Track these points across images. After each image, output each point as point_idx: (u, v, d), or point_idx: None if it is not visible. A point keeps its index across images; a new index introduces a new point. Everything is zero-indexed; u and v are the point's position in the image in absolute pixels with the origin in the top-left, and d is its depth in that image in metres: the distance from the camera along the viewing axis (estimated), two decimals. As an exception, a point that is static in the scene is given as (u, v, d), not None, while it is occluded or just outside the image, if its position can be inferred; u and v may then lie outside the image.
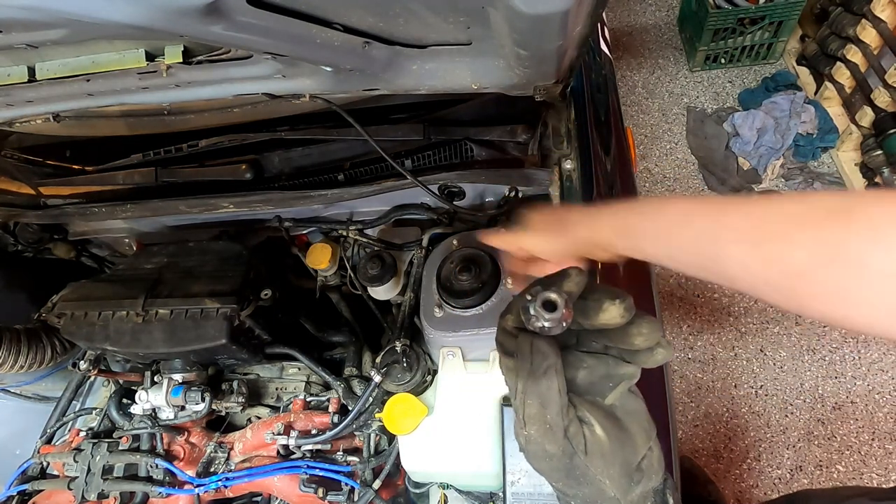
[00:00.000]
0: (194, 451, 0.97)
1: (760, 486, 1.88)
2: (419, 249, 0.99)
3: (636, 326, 0.42)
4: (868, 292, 0.36)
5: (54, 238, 1.16)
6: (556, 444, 0.41)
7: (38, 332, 1.08)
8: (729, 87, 2.87)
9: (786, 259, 0.40)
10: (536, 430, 0.41)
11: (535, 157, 0.98)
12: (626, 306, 0.41)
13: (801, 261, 0.39)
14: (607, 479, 0.42)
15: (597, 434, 0.42)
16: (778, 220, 0.42)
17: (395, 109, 1.03)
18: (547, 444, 0.41)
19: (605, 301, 0.41)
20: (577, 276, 0.43)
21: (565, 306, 0.39)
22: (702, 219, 0.47)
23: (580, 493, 0.44)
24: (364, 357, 1.07)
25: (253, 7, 0.53)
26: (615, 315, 0.41)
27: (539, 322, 0.39)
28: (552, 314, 0.39)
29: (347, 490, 0.90)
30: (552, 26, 0.54)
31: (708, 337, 2.19)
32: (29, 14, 0.49)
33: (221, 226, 1.11)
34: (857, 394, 1.99)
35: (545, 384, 0.40)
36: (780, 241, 0.41)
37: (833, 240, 0.38)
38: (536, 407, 0.41)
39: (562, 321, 0.39)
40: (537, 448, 0.42)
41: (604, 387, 0.44)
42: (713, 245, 0.46)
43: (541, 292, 0.40)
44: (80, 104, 0.81)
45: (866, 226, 0.37)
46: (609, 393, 0.44)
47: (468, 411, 0.81)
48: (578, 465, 0.42)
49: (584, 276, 0.43)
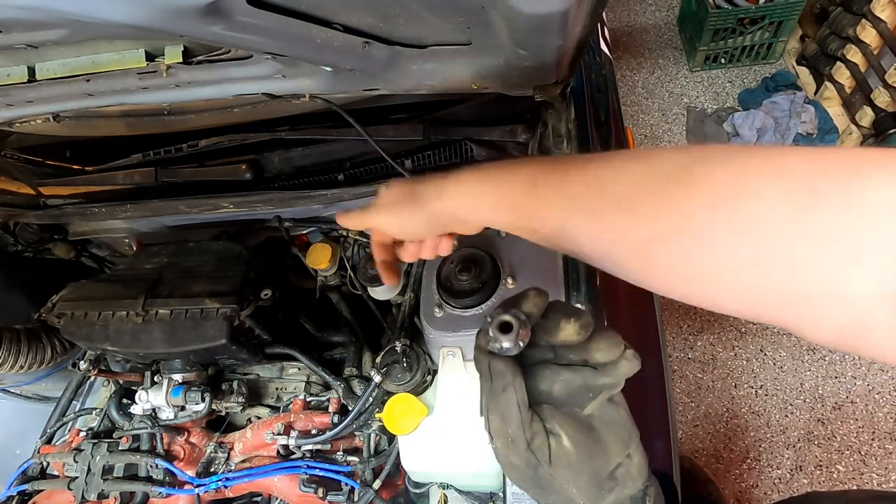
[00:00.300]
0: (194, 451, 0.97)
1: (760, 486, 1.88)
2: (419, 249, 0.99)
3: (594, 343, 0.43)
4: (711, 267, 0.34)
5: (54, 238, 1.16)
6: (518, 457, 0.42)
7: (38, 332, 1.08)
8: (729, 87, 2.87)
9: (630, 231, 0.38)
10: (500, 443, 0.43)
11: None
12: (581, 324, 0.42)
13: (645, 233, 0.37)
14: (574, 489, 0.43)
15: (563, 445, 0.43)
16: (621, 186, 0.39)
17: (395, 109, 1.02)
18: (511, 457, 0.43)
19: (561, 320, 0.42)
20: (535, 297, 0.44)
21: (522, 327, 0.41)
22: (545, 186, 0.45)
23: (550, 501, 0.45)
24: (364, 357, 1.07)
25: (253, 7, 0.53)
26: (571, 333, 0.42)
27: (497, 343, 0.41)
28: (507, 335, 0.41)
29: (347, 490, 0.90)
30: (552, 26, 0.54)
31: (708, 337, 2.19)
32: (29, 14, 0.49)
33: (221, 226, 1.11)
34: (857, 394, 1.99)
35: (503, 401, 0.42)
36: (624, 210, 0.38)
37: (674, 210, 0.35)
38: (498, 422, 0.42)
39: (518, 341, 0.41)
40: (504, 459, 0.43)
41: (583, 397, 0.45)
42: (559, 214, 0.44)
43: (498, 315, 0.42)
44: (80, 104, 0.81)
45: (708, 193, 0.34)
46: (588, 403, 0.45)
47: (468, 411, 0.81)
48: (543, 475, 0.43)
49: (543, 297, 0.44)
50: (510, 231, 0.52)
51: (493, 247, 0.83)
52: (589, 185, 0.42)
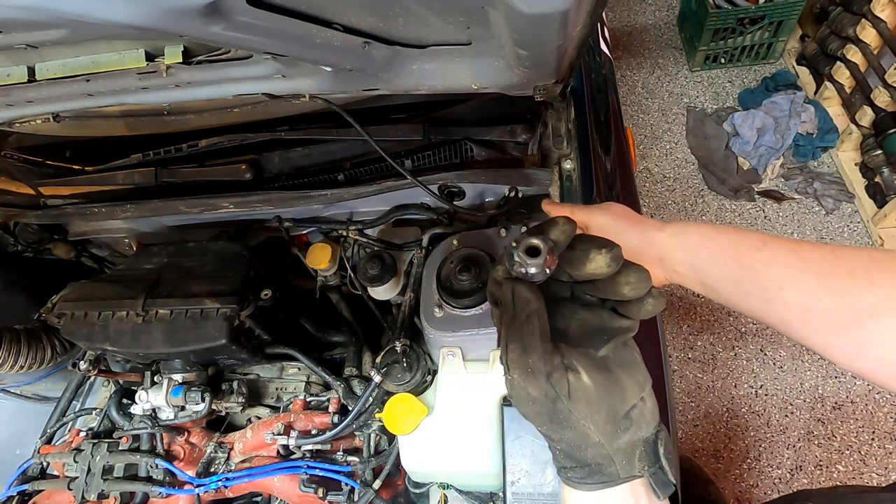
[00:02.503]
0: (194, 451, 0.97)
1: (760, 486, 1.88)
2: (419, 249, 0.99)
3: (623, 276, 0.42)
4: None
5: (54, 238, 1.16)
6: (538, 389, 0.41)
7: (38, 332, 1.08)
8: (729, 87, 2.87)
9: (859, 296, 0.41)
10: (519, 374, 0.41)
11: (535, 157, 0.98)
12: (612, 256, 0.41)
13: (876, 300, 0.40)
14: (591, 425, 0.43)
15: (582, 380, 0.42)
16: (858, 261, 0.43)
17: (395, 109, 1.02)
18: (530, 388, 0.41)
19: (592, 251, 0.41)
20: (564, 224, 0.43)
21: (549, 253, 0.39)
22: (777, 247, 0.49)
23: (564, 437, 0.44)
24: (364, 357, 1.07)
25: (253, 7, 0.53)
26: (601, 264, 0.41)
27: (522, 268, 0.39)
28: (535, 260, 0.39)
29: (347, 490, 0.90)
30: (552, 26, 0.54)
31: (708, 337, 2.19)
32: (29, 14, 0.49)
33: (221, 226, 1.11)
34: (857, 394, 1.99)
35: (527, 329, 0.41)
36: (856, 279, 0.41)
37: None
38: (518, 351, 0.41)
39: (545, 267, 0.39)
40: (521, 392, 0.42)
41: (598, 339, 0.45)
42: (784, 273, 0.47)
43: (525, 238, 0.40)
44: (80, 104, 0.81)
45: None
46: (604, 345, 0.45)
47: (468, 411, 0.81)
48: (561, 409, 0.42)
49: (571, 226, 0.43)
50: (705, 286, 0.56)
51: (493, 247, 0.83)
52: (824, 255, 0.45)
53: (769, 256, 0.50)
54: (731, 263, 0.53)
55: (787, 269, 0.48)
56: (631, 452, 0.45)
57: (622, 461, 0.44)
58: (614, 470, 0.44)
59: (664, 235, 0.60)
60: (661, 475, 0.45)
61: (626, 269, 0.42)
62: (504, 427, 0.75)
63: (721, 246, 0.54)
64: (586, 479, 0.45)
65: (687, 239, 0.58)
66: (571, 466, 0.46)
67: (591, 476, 0.45)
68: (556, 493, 0.71)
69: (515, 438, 0.74)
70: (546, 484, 0.71)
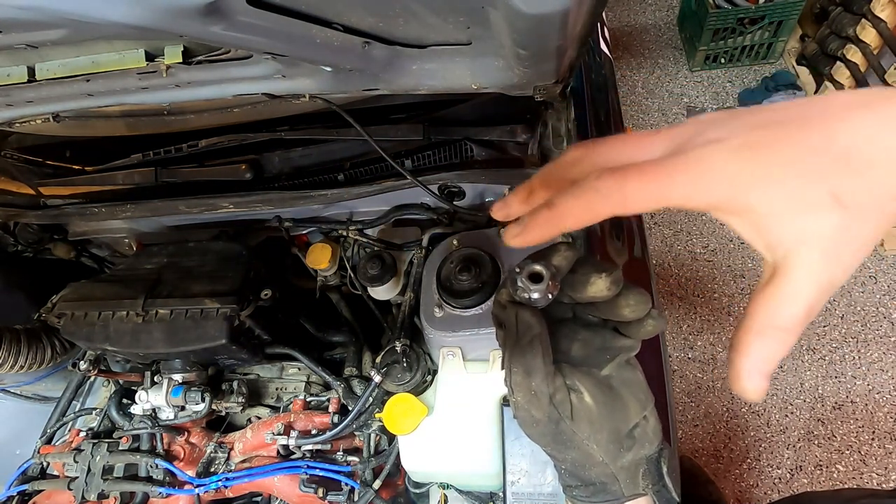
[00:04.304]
0: (194, 451, 0.97)
1: (760, 486, 1.88)
2: (419, 249, 0.99)
3: (624, 298, 0.42)
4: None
5: (54, 238, 1.16)
6: (541, 411, 0.42)
7: (38, 332, 1.08)
8: (729, 87, 2.87)
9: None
10: (522, 396, 0.42)
11: (535, 157, 0.98)
12: (612, 279, 0.41)
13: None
14: (595, 444, 0.43)
15: (585, 401, 0.43)
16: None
17: (395, 109, 1.02)
18: (533, 411, 0.42)
19: (592, 275, 0.42)
20: (565, 250, 0.43)
21: (551, 279, 0.40)
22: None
23: (568, 457, 0.45)
24: (364, 357, 1.07)
25: (253, 7, 0.53)
26: (602, 288, 0.41)
27: (525, 293, 0.40)
28: (537, 286, 0.40)
29: (347, 490, 0.90)
30: (552, 26, 0.54)
31: (708, 337, 2.19)
32: (29, 14, 0.49)
33: (221, 226, 1.11)
34: (857, 394, 1.99)
35: (530, 353, 0.41)
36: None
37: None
38: (521, 375, 0.42)
39: (547, 293, 0.40)
40: (525, 414, 0.43)
41: (600, 359, 0.45)
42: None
43: (528, 265, 0.41)
44: (80, 104, 0.81)
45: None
46: (606, 365, 0.45)
47: (468, 411, 0.81)
48: (564, 430, 0.43)
49: (573, 251, 0.43)
50: None
51: (493, 247, 0.83)
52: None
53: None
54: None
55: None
56: (634, 471, 0.45)
57: (626, 479, 0.45)
58: (618, 488, 0.45)
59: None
60: (665, 493, 0.46)
61: (627, 292, 0.43)
62: (504, 427, 0.75)
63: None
64: (591, 497, 0.46)
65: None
66: (576, 485, 0.47)
67: (595, 494, 0.46)
68: (556, 493, 0.71)
69: (515, 438, 0.74)
70: (546, 484, 0.72)
